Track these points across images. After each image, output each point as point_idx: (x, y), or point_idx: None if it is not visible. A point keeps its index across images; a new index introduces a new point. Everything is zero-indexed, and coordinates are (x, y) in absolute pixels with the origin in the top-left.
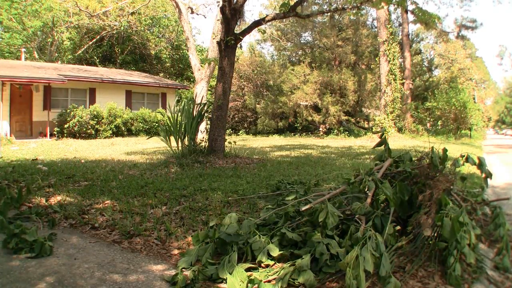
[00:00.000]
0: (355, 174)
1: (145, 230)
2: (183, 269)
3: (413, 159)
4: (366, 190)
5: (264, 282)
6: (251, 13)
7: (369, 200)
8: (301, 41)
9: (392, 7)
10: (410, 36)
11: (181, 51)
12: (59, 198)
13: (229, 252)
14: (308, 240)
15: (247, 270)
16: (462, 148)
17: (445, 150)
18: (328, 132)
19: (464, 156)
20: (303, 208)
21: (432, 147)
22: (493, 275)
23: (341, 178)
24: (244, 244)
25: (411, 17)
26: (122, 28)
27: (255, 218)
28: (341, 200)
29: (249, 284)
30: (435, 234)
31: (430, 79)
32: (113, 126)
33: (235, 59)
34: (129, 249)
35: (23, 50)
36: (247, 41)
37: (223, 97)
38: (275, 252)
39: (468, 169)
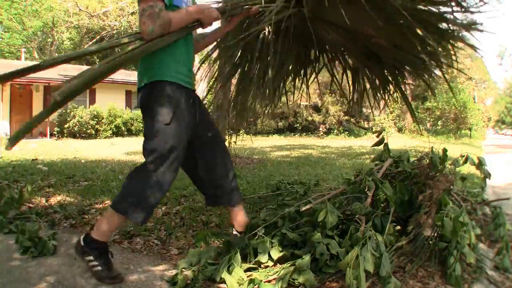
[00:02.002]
0: (355, 174)
1: (145, 230)
2: (183, 269)
3: (413, 159)
4: (366, 190)
5: (264, 282)
6: None
7: (369, 200)
8: None
9: None
10: None
11: None
12: (59, 198)
13: (230, 252)
14: (308, 240)
15: (247, 270)
16: (462, 148)
17: (445, 150)
18: (328, 132)
19: (464, 156)
20: (303, 209)
21: (432, 147)
22: (493, 275)
23: (341, 178)
24: (245, 245)
25: None
26: (122, 28)
27: (257, 219)
28: (341, 200)
29: (249, 284)
30: (435, 234)
31: (430, 79)
32: (113, 126)
33: None
34: (129, 249)
35: (23, 50)
36: None
37: (223, 97)
38: (276, 252)
39: (468, 169)
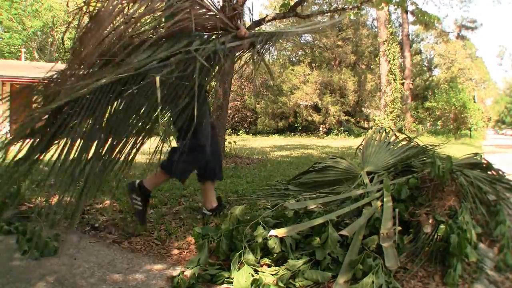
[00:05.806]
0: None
1: (145, 230)
2: (183, 269)
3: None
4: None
5: (267, 281)
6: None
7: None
8: (301, 41)
9: (392, 8)
10: (410, 36)
11: None
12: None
13: (239, 249)
14: (308, 243)
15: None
16: (462, 148)
17: (449, 158)
18: (328, 132)
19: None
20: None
21: (434, 151)
22: (493, 275)
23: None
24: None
25: (411, 17)
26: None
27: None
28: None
29: (252, 285)
30: (436, 235)
31: (430, 79)
32: None
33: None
34: (129, 249)
35: (23, 50)
36: None
37: (223, 97)
38: (278, 251)
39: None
